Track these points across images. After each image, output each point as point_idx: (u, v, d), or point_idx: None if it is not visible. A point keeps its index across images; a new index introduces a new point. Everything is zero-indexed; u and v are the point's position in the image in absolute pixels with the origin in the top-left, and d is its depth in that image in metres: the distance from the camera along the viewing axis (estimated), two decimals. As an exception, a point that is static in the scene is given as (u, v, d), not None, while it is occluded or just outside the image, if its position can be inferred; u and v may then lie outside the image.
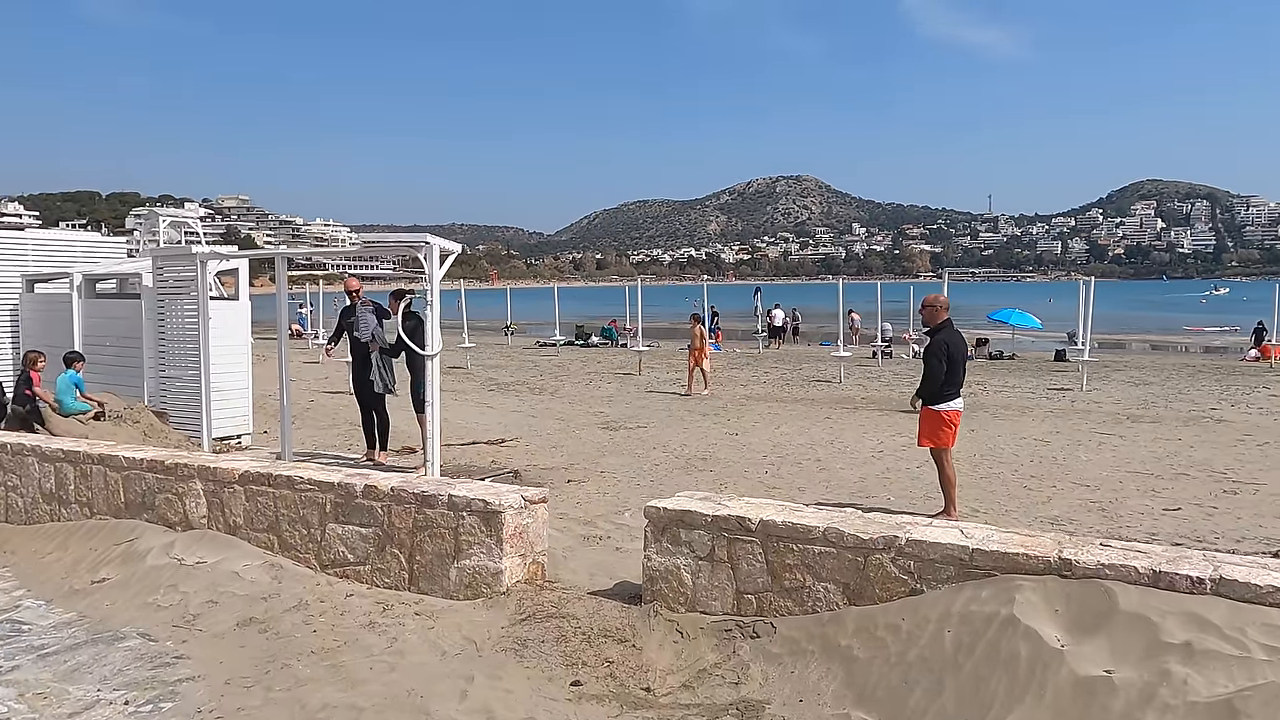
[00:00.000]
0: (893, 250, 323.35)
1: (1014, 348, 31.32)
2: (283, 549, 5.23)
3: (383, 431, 10.09)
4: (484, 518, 4.57)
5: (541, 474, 9.97)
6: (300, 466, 5.42)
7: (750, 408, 16.52)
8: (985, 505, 8.50)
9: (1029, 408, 16.55)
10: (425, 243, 8.25)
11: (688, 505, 4.20)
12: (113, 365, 10.82)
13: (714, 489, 9.29)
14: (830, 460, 11.10)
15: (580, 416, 15.34)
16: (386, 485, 4.89)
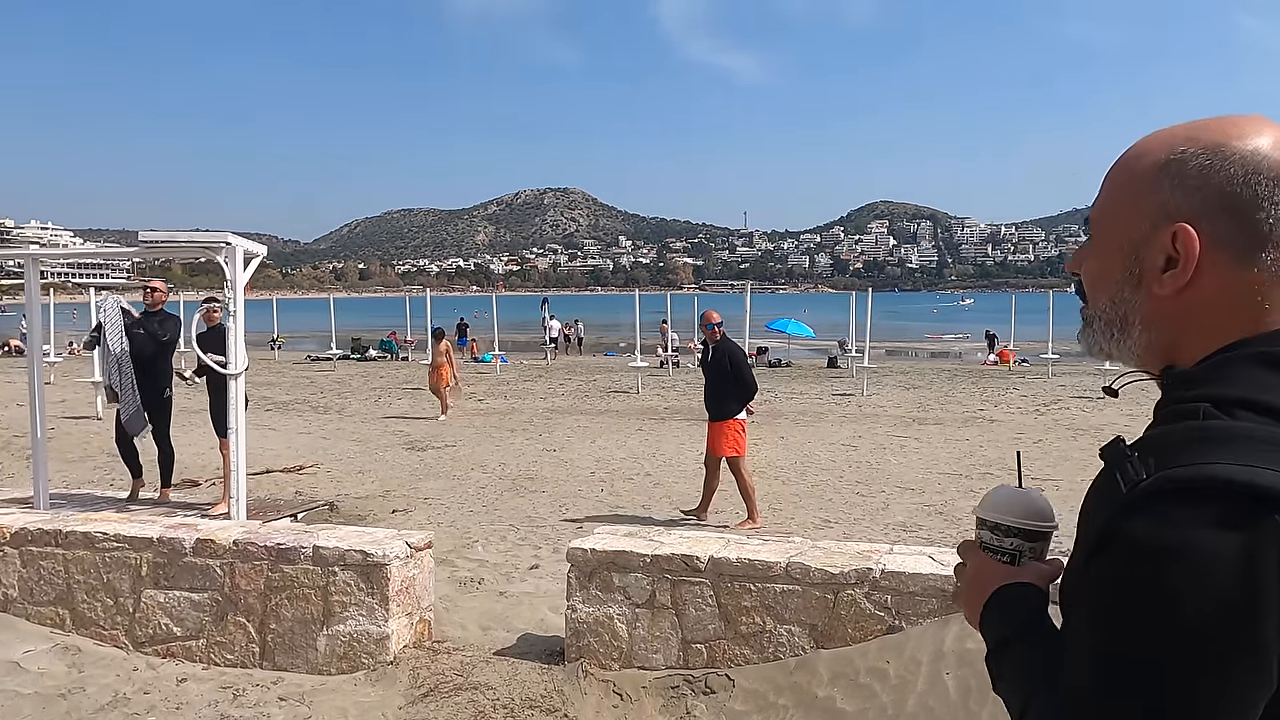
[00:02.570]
0: (658, 263, 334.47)
1: (788, 356, 32.84)
2: (78, 626, 4.10)
3: (167, 464, 8.63)
4: (363, 572, 3.75)
5: (358, 504, 8.93)
6: (98, 519, 4.29)
7: (558, 421, 15.99)
8: (834, 516, 8.48)
9: (823, 413, 17.17)
10: (226, 244, 7.10)
11: (620, 545, 3.63)
12: None
13: (557, 512, 8.70)
14: (660, 474, 10.80)
15: (378, 436, 14.16)
16: (227, 538, 3.93)
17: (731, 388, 7.84)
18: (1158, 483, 0.75)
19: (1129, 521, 0.76)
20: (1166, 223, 0.86)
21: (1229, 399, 0.79)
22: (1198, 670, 0.73)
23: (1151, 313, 0.88)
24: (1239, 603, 0.72)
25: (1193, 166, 0.85)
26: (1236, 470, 0.73)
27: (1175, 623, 0.73)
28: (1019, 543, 1.03)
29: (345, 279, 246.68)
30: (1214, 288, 0.85)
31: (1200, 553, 0.72)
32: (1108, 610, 0.77)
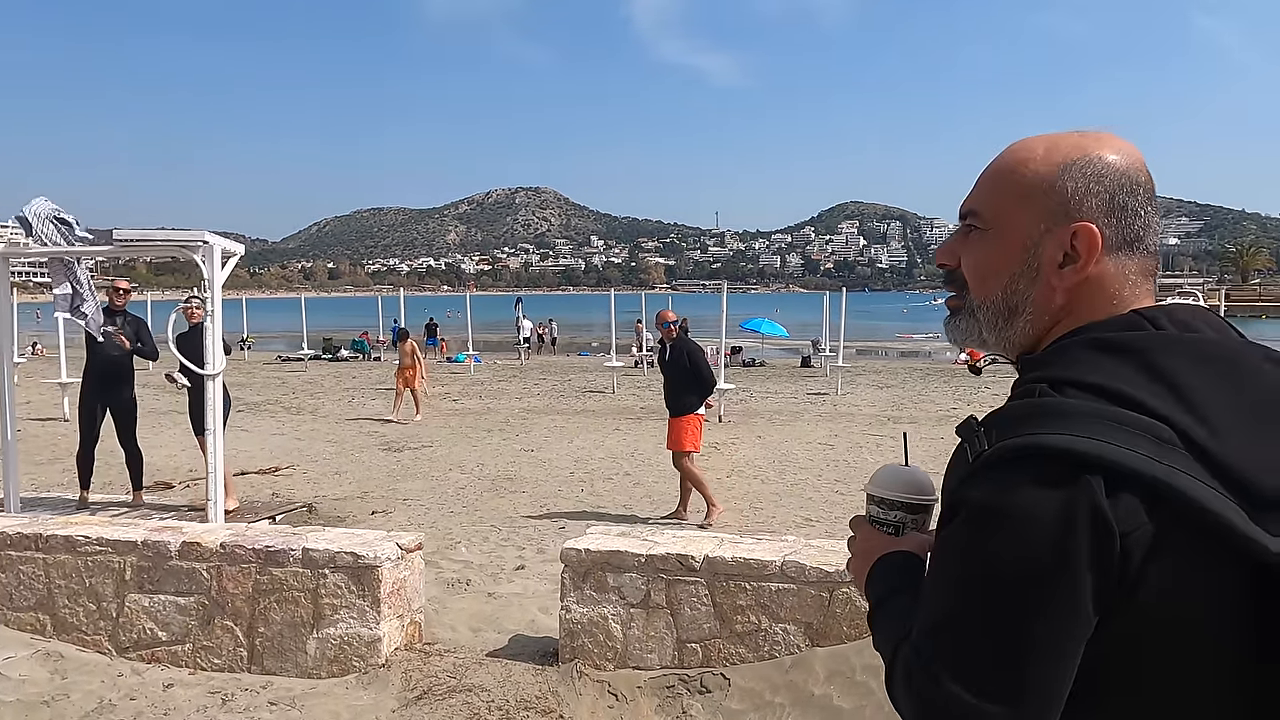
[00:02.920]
0: (629, 262, 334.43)
1: (761, 355, 32.96)
2: (60, 631, 4.02)
3: (137, 467, 8.47)
4: (354, 574, 3.71)
5: (336, 506, 8.85)
6: (80, 522, 4.21)
7: (535, 421, 15.94)
8: (814, 514, 8.52)
9: (798, 413, 17.26)
10: (203, 242, 7.00)
11: (614, 545, 3.62)
12: None
13: (538, 512, 8.67)
14: (639, 473, 10.80)
15: (353, 437, 14.03)
16: (214, 541, 3.87)
17: (691, 383, 8.01)
18: (995, 452, 0.85)
19: (970, 488, 0.86)
20: (1066, 222, 0.95)
21: (1062, 379, 0.89)
22: (1022, 613, 0.82)
23: (1040, 303, 0.97)
24: (1057, 552, 0.81)
25: (1089, 173, 0.96)
26: (1058, 439, 0.82)
27: (1003, 571, 0.83)
28: (902, 515, 1.11)
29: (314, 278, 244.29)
30: (1096, 281, 0.96)
31: (1024, 510, 0.82)
32: (948, 565, 0.88)
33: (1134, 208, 0.97)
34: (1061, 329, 0.96)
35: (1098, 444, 0.82)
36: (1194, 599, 0.83)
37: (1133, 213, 0.96)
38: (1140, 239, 0.97)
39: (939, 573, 0.90)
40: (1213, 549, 0.82)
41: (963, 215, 1.05)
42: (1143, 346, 0.91)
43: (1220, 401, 0.87)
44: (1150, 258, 0.98)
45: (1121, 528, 0.81)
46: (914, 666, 0.89)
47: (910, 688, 0.90)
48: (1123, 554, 0.81)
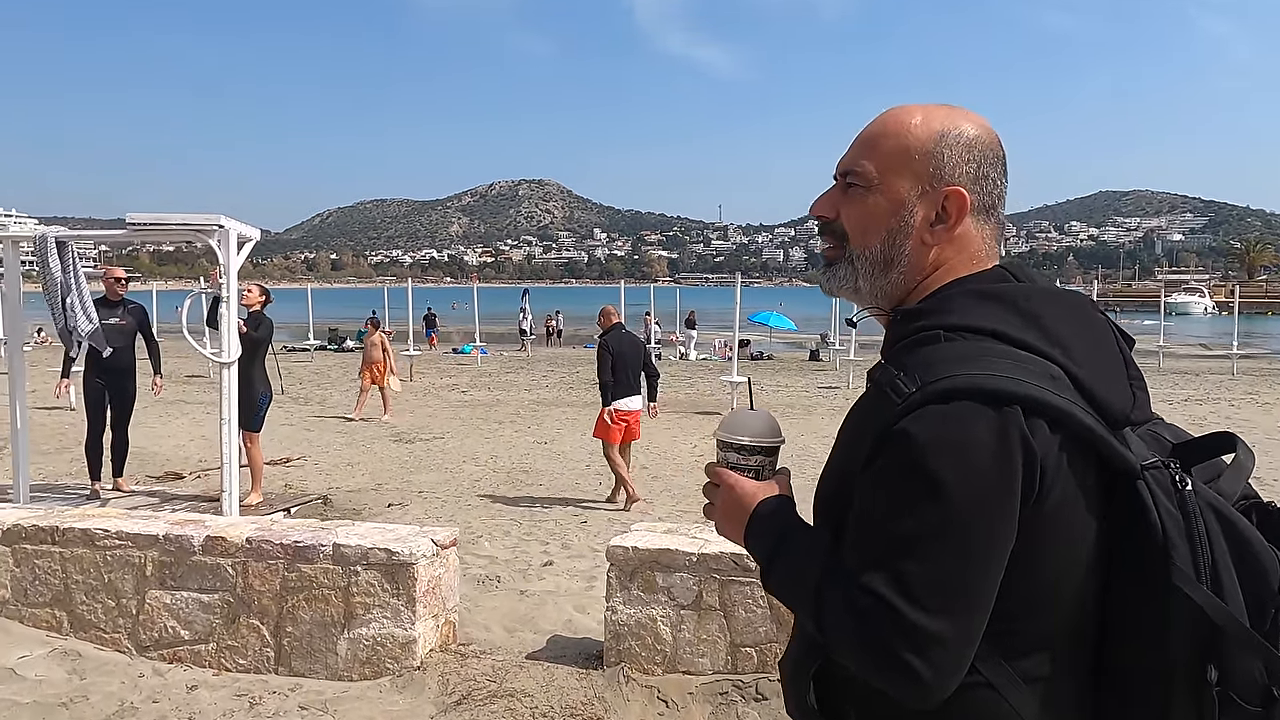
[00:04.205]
0: (632, 255, 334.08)
1: (769, 349, 32.76)
2: (77, 629, 3.84)
3: (122, 454, 8.29)
4: (387, 572, 3.52)
5: (351, 498, 8.67)
6: (97, 514, 4.02)
7: (546, 413, 15.76)
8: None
9: (811, 406, 17.07)
10: (219, 226, 6.81)
11: (664, 542, 3.43)
12: None
13: (557, 506, 8.47)
14: (655, 467, 10.62)
15: (363, 428, 13.86)
16: (239, 535, 3.68)
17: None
18: (929, 393, 0.94)
19: (905, 425, 0.94)
20: (941, 185, 1.07)
21: (956, 325, 1.01)
22: (969, 527, 0.92)
23: (914, 257, 1.08)
24: (994, 471, 0.92)
25: (962, 144, 1.08)
26: (984, 378, 0.94)
27: (948, 493, 0.92)
28: (761, 459, 1.14)
29: (317, 269, 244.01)
30: (962, 240, 1.09)
31: (971, 439, 0.92)
32: (893, 493, 0.94)
33: (994, 178, 1.10)
34: (934, 282, 1.08)
35: (1015, 381, 0.94)
36: (1077, 506, 0.97)
37: (992, 182, 1.10)
38: (995, 206, 1.11)
39: (881, 505, 0.95)
40: (1091, 464, 0.97)
41: (843, 173, 1.13)
42: (1014, 294, 1.04)
43: (1077, 338, 1.02)
44: (999, 224, 1.12)
45: (1040, 451, 0.93)
46: (863, 603, 0.93)
47: (863, 623, 0.93)
48: (1041, 473, 0.94)
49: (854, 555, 0.96)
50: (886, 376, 0.98)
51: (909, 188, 1.08)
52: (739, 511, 1.11)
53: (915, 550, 0.92)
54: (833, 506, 1.04)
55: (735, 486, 1.13)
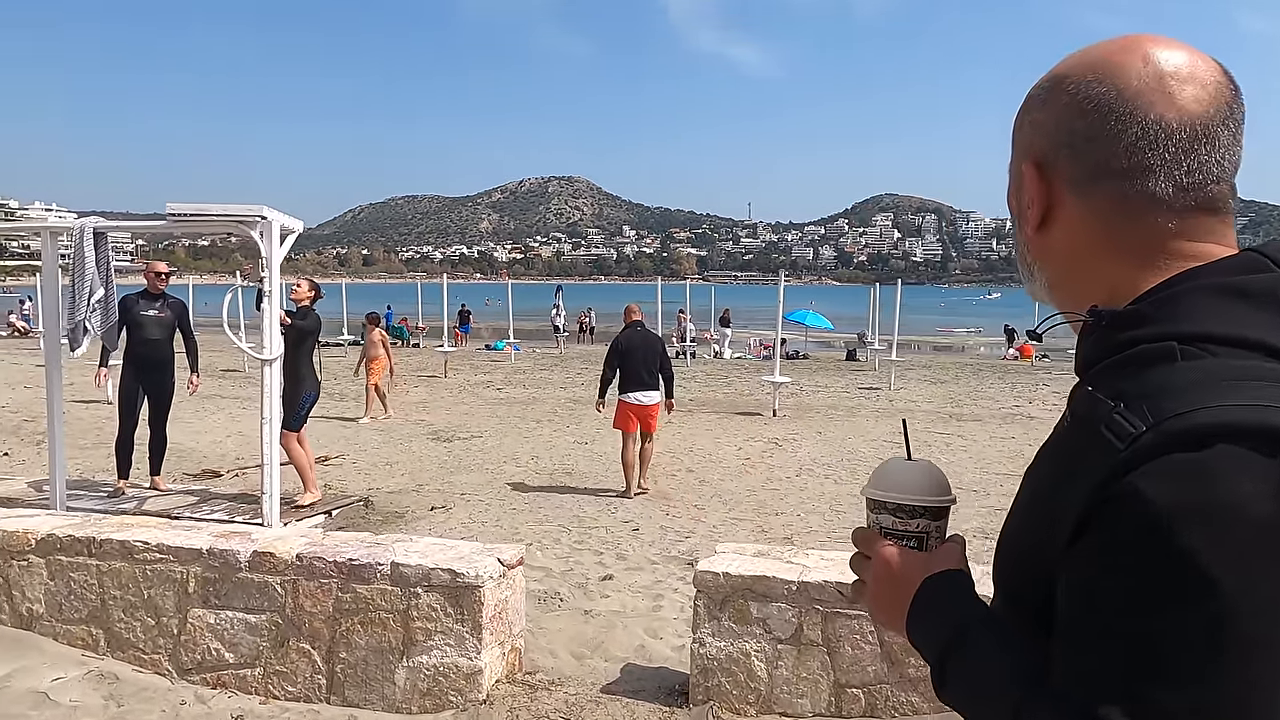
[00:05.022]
0: (661, 253, 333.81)
1: (804, 348, 32.32)
2: (114, 648, 3.55)
3: (159, 452, 8.10)
4: (451, 595, 3.20)
5: (392, 500, 8.38)
6: (137, 525, 3.73)
7: (582, 412, 15.45)
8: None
9: (854, 408, 16.64)
10: (261, 218, 6.54)
11: (758, 568, 3.08)
12: None
13: (605, 510, 8.15)
14: (701, 470, 10.27)
15: (401, 426, 13.62)
16: (289, 551, 3.37)
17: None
18: (1162, 436, 0.68)
19: (1134, 481, 0.67)
20: (1025, 162, 0.86)
21: (1193, 335, 0.74)
22: (1249, 635, 0.65)
23: (1037, 253, 0.88)
24: (1272, 554, 0.65)
25: (1038, 101, 0.86)
26: (1246, 413, 0.67)
27: (1214, 584, 0.64)
28: (926, 523, 0.93)
29: (349, 264, 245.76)
30: (1064, 223, 0.85)
31: (1227, 502, 0.65)
32: (1128, 584, 0.67)
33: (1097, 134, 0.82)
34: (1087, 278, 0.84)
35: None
36: None
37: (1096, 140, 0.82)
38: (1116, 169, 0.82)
39: (1112, 600, 0.68)
40: None
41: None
42: (1274, 289, 0.76)
43: None
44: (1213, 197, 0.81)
45: None
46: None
47: None
48: None
49: (1073, 670, 0.70)
50: (1099, 410, 0.72)
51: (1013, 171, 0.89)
52: (899, 592, 0.88)
53: (1170, 671, 0.65)
54: (1019, 582, 0.79)
55: (892, 560, 0.90)
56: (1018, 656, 0.77)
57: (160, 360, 7.69)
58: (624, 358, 8.65)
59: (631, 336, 8.77)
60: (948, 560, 0.90)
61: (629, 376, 8.59)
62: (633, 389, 8.60)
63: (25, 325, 31.75)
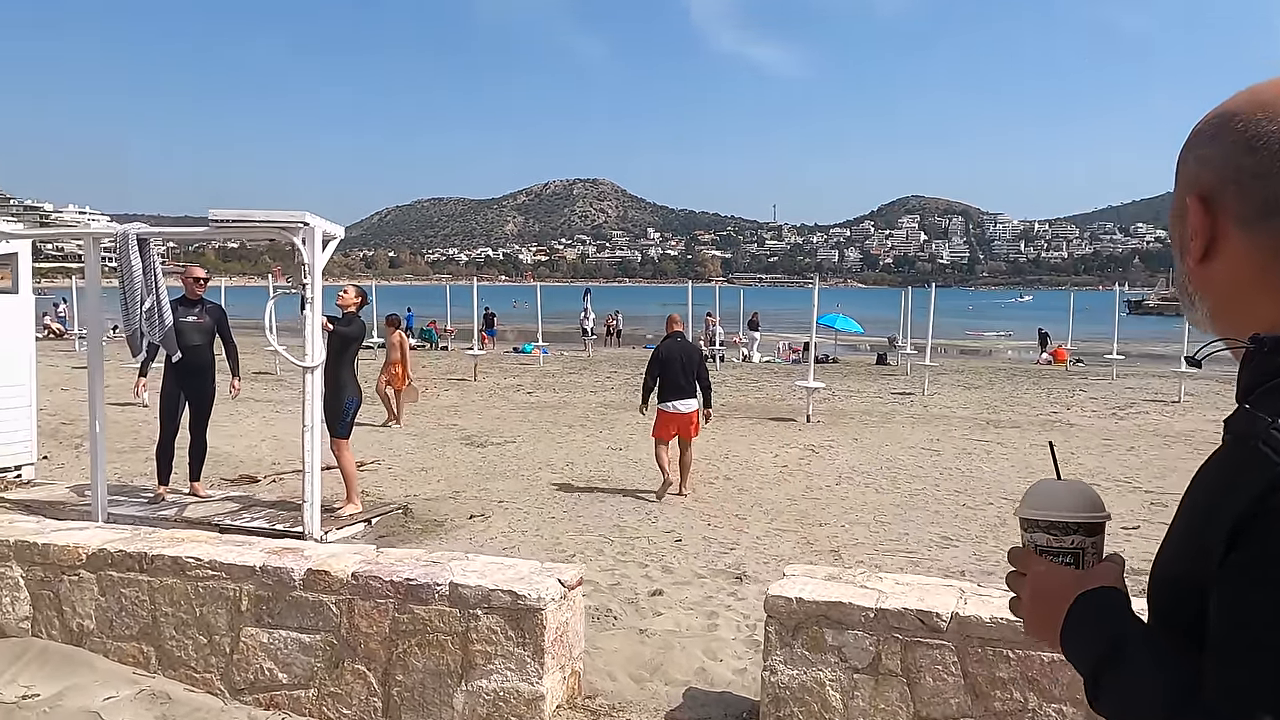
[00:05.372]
0: (686, 255, 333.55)
1: (834, 352, 32.07)
2: (165, 666, 3.49)
3: (200, 458, 8.08)
4: (511, 618, 3.10)
5: (430, 507, 8.32)
6: (189, 540, 3.66)
7: (615, 417, 15.35)
8: (950, 531, 7.73)
9: (889, 414, 16.42)
10: (304, 223, 6.49)
11: (833, 593, 2.95)
12: None
13: (645, 519, 8.03)
14: (742, 478, 10.12)
15: (433, 430, 13.59)
16: (344, 570, 3.29)
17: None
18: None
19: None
20: (1190, 195, 0.87)
21: None
22: None
23: (1199, 284, 0.89)
24: None
25: (1206, 137, 0.87)
26: None
27: None
28: (1080, 539, 0.95)
29: (376, 267, 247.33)
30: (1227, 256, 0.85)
31: None
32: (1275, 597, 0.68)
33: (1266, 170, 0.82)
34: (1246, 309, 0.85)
35: None
36: None
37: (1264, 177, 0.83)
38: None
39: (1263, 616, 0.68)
40: None
41: None
42: None
43: None
44: None
45: None
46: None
47: None
48: None
49: (1224, 684, 0.71)
50: (1256, 427, 0.74)
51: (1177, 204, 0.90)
52: (1053, 608, 0.90)
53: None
54: (1174, 600, 0.81)
55: (1048, 576, 0.93)
56: (1171, 672, 0.77)
57: (200, 365, 7.67)
58: (664, 367, 8.92)
59: (671, 346, 9.03)
60: (1104, 577, 0.91)
61: (668, 385, 8.85)
62: (671, 397, 8.85)
63: (60, 327, 32.14)
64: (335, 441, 7.38)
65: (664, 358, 8.94)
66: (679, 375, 8.86)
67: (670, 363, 8.89)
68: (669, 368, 8.88)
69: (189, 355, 7.57)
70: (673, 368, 8.87)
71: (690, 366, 8.97)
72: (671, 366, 8.87)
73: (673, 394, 8.86)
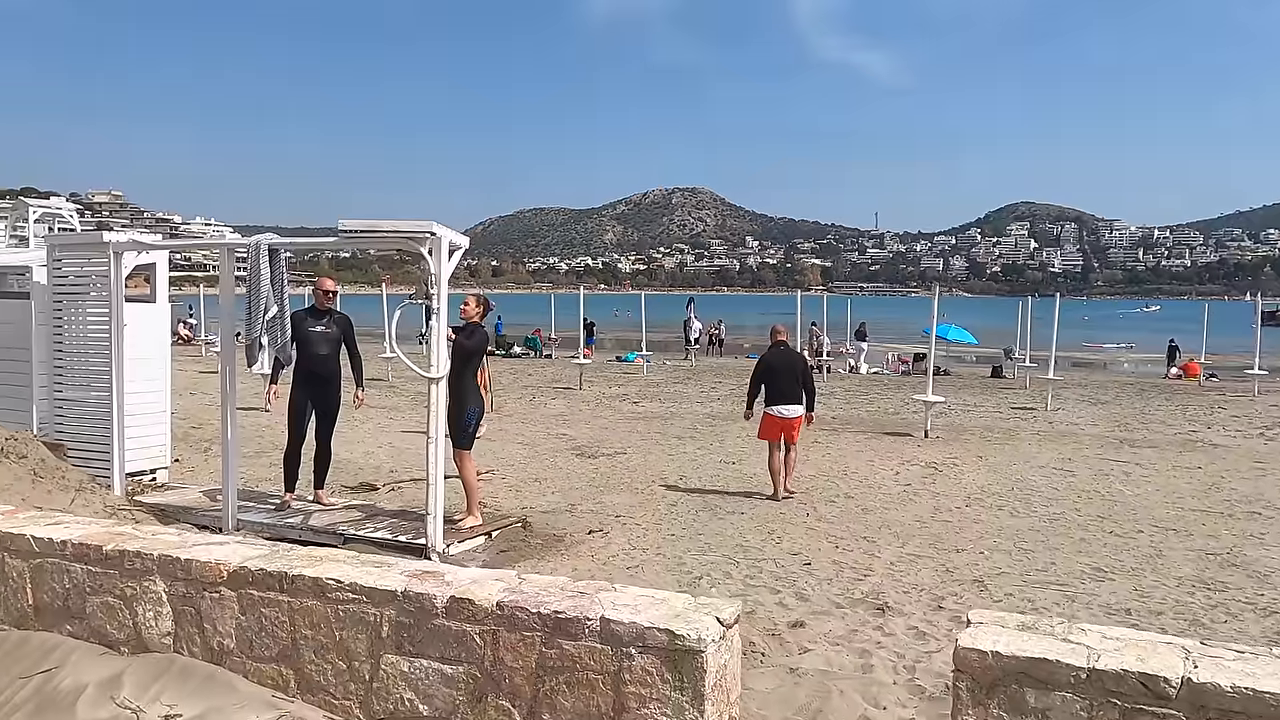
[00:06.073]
0: (785, 264, 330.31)
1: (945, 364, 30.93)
2: (304, 690, 3.38)
3: (324, 466, 8.13)
4: (669, 659, 2.87)
5: (547, 520, 8.20)
6: (330, 561, 3.56)
7: (724, 429, 15.07)
8: (1102, 563, 7.15)
9: (1012, 430, 15.66)
10: (430, 233, 6.44)
11: (1034, 648, 2.61)
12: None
13: (768, 539, 7.70)
14: (863, 497, 9.70)
15: (544, 440, 13.56)
16: (488, 599, 3.11)
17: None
18: None
19: None
20: None
21: None
22: None
23: None
24: None
25: None
26: None
27: None
28: None
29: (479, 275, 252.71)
30: None
31: None
32: None
33: None
34: None
35: None
36: None
37: None
38: None
39: None
40: None
41: None
42: None
43: None
44: None
45: None
46: None
47: None
48: None
49: None
50: None
51: None
52: None
53: None
54: None
55: None
56: None
57: (327, 375, 7.73)
58: (770, 374, 9.57)
59: (777, 355, 9.70)
60: None
61: (774, 391, 9.50)
62: (777, 402, 9.48)
63: (189, 334, 33.70)
64: (458, 452, 7.31)
65: (770, 365, 9.62)
66: (783, 381, 9.47)
67: (775, 370, 9.55)
68: (774, 374, 9.53)
69: (316, 365, 7.64)
70: (778, 374, 9.52)
71: (794, 374, 9.57)
72: (777, 373, 9.53)
73: (778, 399, 9.47)
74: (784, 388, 9.48)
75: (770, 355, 9.77)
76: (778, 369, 9.57)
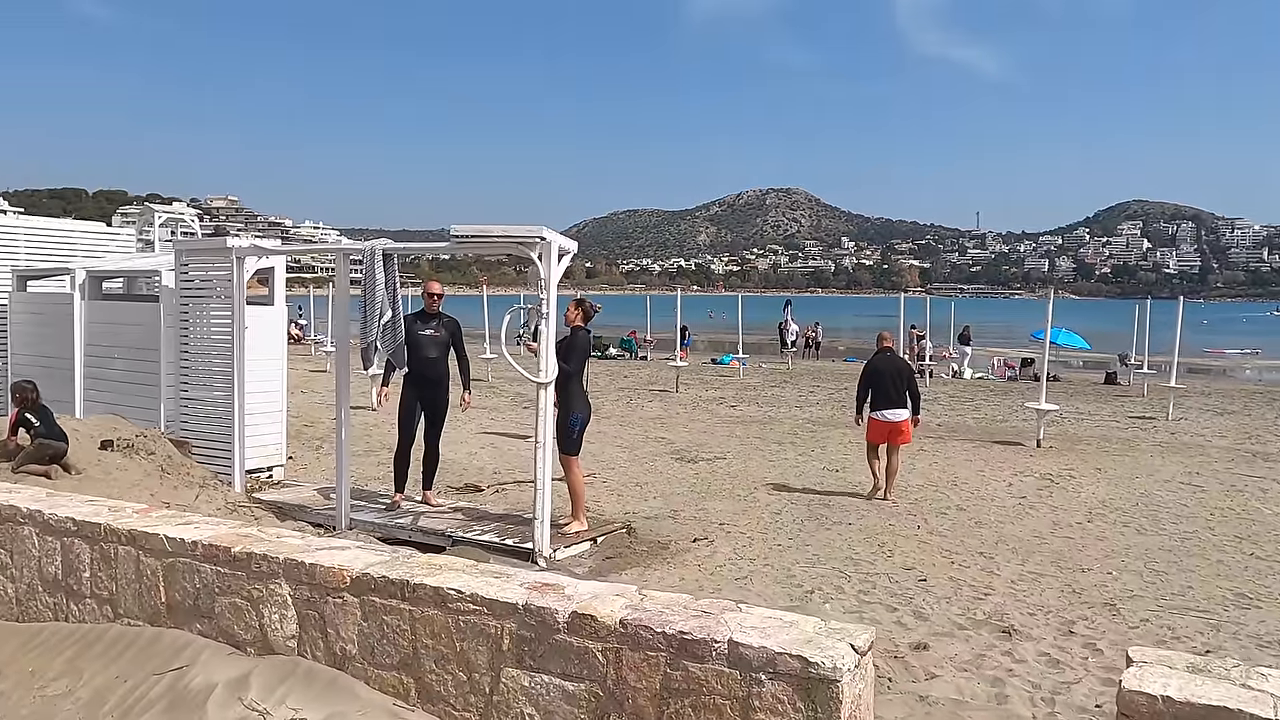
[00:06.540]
0: (881, 265, 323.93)
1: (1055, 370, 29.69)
2: (425, 700, 3.37)
3: (432, 467, 8.24)
4: (802, 688, 2.74)
5: (651, 527, 8.12)
6: (449, 569, 3.55)
7: (825, 435, 14.77)
8: (1246, 588, 6.67)
9: (1130, 440, 14.89)
10: (540, 238, 6.44)
11: (1213, 694, 2.39)
12: (122, 382, 8.88)
13: (879, 553, 7.46)
14: (976, 509, 9.32)
15: (642, 443, 13.52)
16: (611, 616, 3.04)
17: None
18: None
19: None
20: None
21: None
22: None
23: None
24: None
25: None
26: None
27: None
28: None
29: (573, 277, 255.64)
30: None
31: None
32: None
33: None
34: None
35: None
36: None
37: None
38: None
39: None
40: None
41: None
42: None
43: None
44: None
45: None
46: None
47: None
48: None
49: None
50: None
51: None
52: None
53: None
54: None
55: None
56: None
57: (436, 378, 7.83)
58: (875, 379, 9.93)
59: (882, 360, 10.04)
60: None
61: (880, 395, 9.83)
62: (882, 406, 9.81)
63: (300, 334, 34.96)
64: (564, 458, 7.31)
65: (876, 370, 9.96)
66: (889, 386, 9.79)
67: (881, 375, 9.89)
68: (880, 379, 9.87)
69: (425, 367, 7.75)
70: (883, 380, 9.85)
71: (900, 380, 9.90)
72: (882, 379, 9.86)
73: (883, 403, 9.80)
74: (889, 392, 9.78)
75: (876, 360, 10.08)
76: (883, 373, 9.90)
